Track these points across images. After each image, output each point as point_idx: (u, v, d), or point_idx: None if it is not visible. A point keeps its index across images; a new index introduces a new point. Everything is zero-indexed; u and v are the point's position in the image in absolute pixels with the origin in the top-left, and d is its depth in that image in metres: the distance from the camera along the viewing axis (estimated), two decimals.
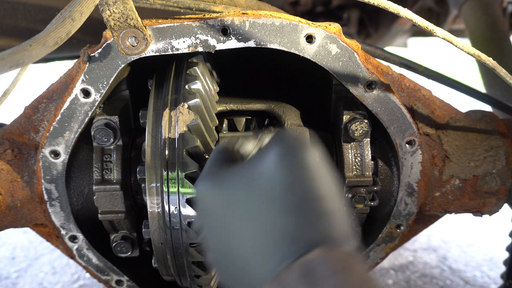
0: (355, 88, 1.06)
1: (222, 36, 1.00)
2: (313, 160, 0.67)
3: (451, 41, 0.98)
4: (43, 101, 1.13)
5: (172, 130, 0.98)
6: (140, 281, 1.26)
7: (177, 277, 1.09)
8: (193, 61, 1.06)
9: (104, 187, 1.11)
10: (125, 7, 0.91)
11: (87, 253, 1.19)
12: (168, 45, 1.01)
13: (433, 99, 1.18)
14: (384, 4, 0.94)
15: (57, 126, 1.07)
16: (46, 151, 1.08)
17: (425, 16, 1.10)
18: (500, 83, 1.78)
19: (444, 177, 1.17)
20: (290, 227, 0.61)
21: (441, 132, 1.19)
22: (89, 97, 1.05)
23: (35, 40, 0.76)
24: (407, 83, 1.14)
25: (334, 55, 1.03)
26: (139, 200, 1.19)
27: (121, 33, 0.95)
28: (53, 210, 1.13)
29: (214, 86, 1.13)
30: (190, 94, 1.01)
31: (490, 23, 1.92)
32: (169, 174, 0.97)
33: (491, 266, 2.87)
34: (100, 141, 1.09)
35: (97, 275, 1.23)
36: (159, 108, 1.02)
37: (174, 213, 0.98)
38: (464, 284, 2.69)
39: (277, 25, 1.00)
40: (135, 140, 1.21)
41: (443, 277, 2.76)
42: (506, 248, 1.58)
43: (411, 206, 1.16)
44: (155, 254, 1.05)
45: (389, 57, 1.27)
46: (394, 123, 1.10)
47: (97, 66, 1.02)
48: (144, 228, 1.09)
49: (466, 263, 2.91)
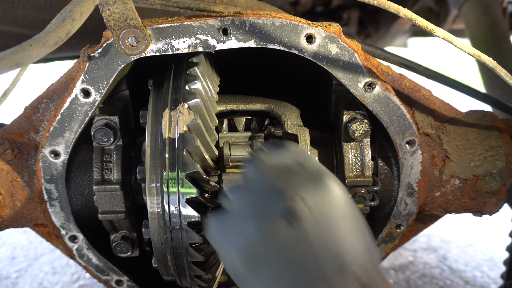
0: (355, 88, 1.06)
1: (222, 36, 1.00)
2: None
3: (451, 41, 0.98)
4: (43, 101, 1.12)
5: (172, 130, 0.98)
6: (140, 281, 1.26)
7: (177, 277, 1.09)
8: (193, 61, 1.06)
9: (104, 187, 1.11)
10: (125, 7, 0.91)
11: (87, 253, 1.19)
12: (168, 45, 1.00)
13: (433, 99, 1.18)
14: (384, 4, 0.94)
15: (57, 126, 1.07)
16: (46, 151, 1.08)
17: (425, 16, 1.10)
18: (500, 83, 1.78)
19: (444, 177, 1.17)
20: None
21: (441, 132, 1.19)
22: (89, 97, 1.05)
23: (35, 40, 0.76)
24: (407, 83, 1.14)
25: (334, 55, 1.03)
26: (139, 200, 1.19)
27: (121, 33, 0.95)
28: (53, 210, 1.13)
29: (214, 86, 1.13)
30: (190, 94, 1.01)
31: (490, 23, 1.92)
32: (169, 174, 0.97)
33: (491, 266, 2.87)
34: (100, 141, 1.09)
35: (97, 275, 1.23)
36: (159, 108, 1.02)
37: (174, 213, 0.98)
38: (464, 284, 2.69)
39: (277, 25, 1.00)
40: (135, 140, 1.21)
41: (443, 277, 2.76)
42: (506, 248, 1.58)
43: (411, 206, 1.16)
44: (155, 254, 1.05)
45: (389, 57, 1.27)
46: (394, 123, 1.10)
47: (97, 66, 1.02)
48: (144, 228, 1.09)
49: (466, 263, 2.91)
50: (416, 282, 2.72)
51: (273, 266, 0.66)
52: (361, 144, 1.13)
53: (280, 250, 0.66)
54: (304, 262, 0.65)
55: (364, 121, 1.09)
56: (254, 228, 0.69)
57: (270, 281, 0.66)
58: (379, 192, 1.19)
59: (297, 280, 0.64)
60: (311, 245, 0.65)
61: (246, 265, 0.68)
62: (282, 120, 1.16)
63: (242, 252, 0.69)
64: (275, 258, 0.66)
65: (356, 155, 1.13)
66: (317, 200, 0.69)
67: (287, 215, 0.67)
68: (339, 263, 0.65)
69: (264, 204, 0.71)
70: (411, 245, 3.11)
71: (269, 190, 0.72)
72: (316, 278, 0.64)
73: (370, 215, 1.22)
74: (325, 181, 0.72)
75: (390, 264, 2.88)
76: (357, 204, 1.12)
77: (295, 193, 0.69)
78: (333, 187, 0.72)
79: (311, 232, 0.66)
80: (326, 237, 0.66)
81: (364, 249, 0.68)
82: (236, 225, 0.72)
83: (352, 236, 0.68)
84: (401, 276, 2.77)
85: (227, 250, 0.72)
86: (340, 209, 0.70)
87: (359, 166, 1.13)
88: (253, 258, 0.68)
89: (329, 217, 0.68)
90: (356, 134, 1.09)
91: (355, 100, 1.12)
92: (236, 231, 0.71)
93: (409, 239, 1.26)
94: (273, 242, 0.67)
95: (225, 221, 0.74)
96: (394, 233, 1.20)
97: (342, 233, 0.67)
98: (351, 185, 1.12)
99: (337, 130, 1.17)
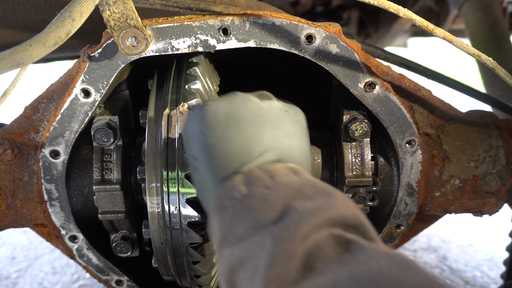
0: (355, 88, 1.06)
1: (222, 36, 1.00)
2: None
3: (451, 41, 0.98)
4: (43, 101, 1.12)
5: (172, 130, 0.98)
6: (140, 281, 1.26)
7: (177, 277, 1.09)
8: (193, 61, 1.06)
9: (104, 187, 1.11)
10: (125, 7, 0.91)
11: (87, 253, 1.19)
12: (168, 45, 1.01)
13: (433, 99, 1.18)
14: (384, 4, 0.94)
15: (57, 126, 1.07)
16: (46, 151, 1.08)
17: (425, 16, 1.10)
18: (500, 83, 1.78)
19: (444, 177, 1.17)
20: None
21: (441, 132, 1.19)
22: (89, 97, 1.05)
23: (35, 40, 0.76)
24: (407, 83, 1.14)
25: (334, 55, 1.03)
26: (139, 200, 1.19)
27: (121, 33, 0.95)
28: (53, 210, 1.13)
29: (214, 86, 1.13)
30: (190, 94, 1.01)
31: (490, 23, 1.92)
32: (169, 174, 0.97)
33: (491, 266, 2.87)
34: (100, 141, 1.09)
35: (97, 275, 1.23)
36: (159, 108, 1.02)
37: (174, 213, 0.98)
38: (464, 284, 2.69)
39: (277, 25, 1.00)
40: (135, 140, 1.21)
41: (443, 277, 2.76)
42: (506, 248, 1.58)
43: (411, 206, 1.16)
44: (155, 254, 1.05)
45: (389, 57, 1.26)
46: (394, 123, 1.10)
47: (97, 66, 1.02)
48: (144, 228, 1.09)
49: (466, 263, 2.91)
50: None
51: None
52: (361, 144, 1.13)
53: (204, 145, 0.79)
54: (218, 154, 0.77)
55: (364, 121, 1.09)
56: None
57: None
58: (379, 192, 1.19)
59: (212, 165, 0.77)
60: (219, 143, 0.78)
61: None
62: None
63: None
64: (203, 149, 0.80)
65: (356, 155, 1.13)
66: (227, 105, 0.82)
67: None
68: (245, 156, 0.75)
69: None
70: (411, 245, 3.11)
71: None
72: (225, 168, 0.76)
73: (370, 215, 1.22)
74: (239, 95, 0.86)
75: None
76: (357, 204, 1.12)
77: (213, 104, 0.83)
78: (242, 97, 0.85)
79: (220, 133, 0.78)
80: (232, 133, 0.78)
81: (276, 144, 0.78)
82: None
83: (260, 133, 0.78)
84: None
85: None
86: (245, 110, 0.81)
87: (359, 166, 1.13)
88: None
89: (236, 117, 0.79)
90: (356, 134, 1.10)
91: (355, 100, 1.12)
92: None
93: (409, 239, 1.26)
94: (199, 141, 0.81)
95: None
96: (394, 233, 1.20)
97: (250, 130, 0.78)
98: (351, 185, 1.12)
99: (337, 130, 1.17)
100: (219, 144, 0.77)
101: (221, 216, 0.69)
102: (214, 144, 0.78)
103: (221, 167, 0.76)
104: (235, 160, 0.76)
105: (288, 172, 0.73)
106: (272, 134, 0.79)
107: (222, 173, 0.75)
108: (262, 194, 0.67)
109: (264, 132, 0.78)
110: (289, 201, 0.66)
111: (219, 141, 0.78)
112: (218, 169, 0.76)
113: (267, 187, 0.68)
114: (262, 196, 0.67)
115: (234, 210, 0.68)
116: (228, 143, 0.77)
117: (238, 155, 0.76)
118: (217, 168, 0.76)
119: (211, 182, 0.77)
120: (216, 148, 0.77)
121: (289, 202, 0.65)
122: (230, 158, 0.76)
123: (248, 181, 0.71)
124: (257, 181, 0.70)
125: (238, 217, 0.66)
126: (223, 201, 0.70)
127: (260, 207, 0.65)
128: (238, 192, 0.69)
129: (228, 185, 0.72)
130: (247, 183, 0.70)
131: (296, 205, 0.64)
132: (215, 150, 0.77)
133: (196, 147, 0.81)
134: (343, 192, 1.13)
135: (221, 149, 0.77)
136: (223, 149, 0.77)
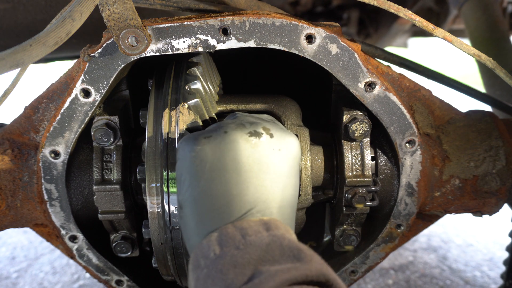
0: (355, 88, 1.06)
1: (222, 36, 1.00)
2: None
3: (451, 41, 0.98)
4: (43, 101, 1.13)
5: (172, 130, 0.98)
6: (140, 281, 1.26)
7: (177, 277, 1.10)
8: (193, 61, 1.06)
9: (104, 187, 1.11)
10: (125, 7, 0.91)
11: (87, 253, 1.19)
12: (168, 45, 1.01)
13: (433, 99, 1.18)
14: (384, 4, 0.95)
15: (57, 126, 1.07)
16: (46, 151, 1.08)
17: (425, 16, 1.10)
18: (500, 83, 1.78)
19: (444, 177, 1.17)
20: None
21: (441, 132, 1.19)
22: (89, 97, 1.05)
23: (35, 40, 0.76)
24: (407, 83, 1.14)
25: (334, 55, 1.03)
26: (139, 200, 1.19)
27: (121, 33, 0.95)
28: (53, 210, 1.13)
29: (214, 86, 1.13)
30: (190, 94, 1.01)
31: (490, 23, 1.92)
32: (169, 174, 0.97)
33: (491, 266, 2.87)
34: (100, 141, 1.09)
35: (97, 275, 1.23)
36: (159, 108, 1.02)
37: (174, 213, 0.98)
38: (464, 284, 2.69)
39: (277, 25, 1.00)
40: (135, 140, 1.21)
41: (443, 277, 2.76)
42: (506, 248, 1.58)
43: (411, 206, 1.16)
44: (155, 254, 1.05)
45: (389, 57, 1.27)
46: (394, 123, 1.10)
47: (97, 66, 1.02)
48: (144, 228, 1.09)
49: (466, 263, 2.91)
50: (416, 282, 2.72)
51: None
52: (361, 144, 1.13)
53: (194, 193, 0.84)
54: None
55: (364, 121, 1.09)
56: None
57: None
58: (379, 192, 1.19)
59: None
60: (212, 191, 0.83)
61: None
62: (282, 120, 1.16)
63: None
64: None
65: (356, 155, 1.13)
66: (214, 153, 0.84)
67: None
68: (242, 206, 0.80)
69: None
70: (411, 245, 3.11)
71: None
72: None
73: (370, 215, 1.22)
74: (228, 135, 0.86)
75: (390, 264, 2.88)
76: (357, 204, 1.12)
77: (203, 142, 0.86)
78: (234, 140, 0.85)
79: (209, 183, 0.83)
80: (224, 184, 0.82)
81: (267, 196, 0.83)
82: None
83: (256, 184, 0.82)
84: (401, 276, 2.78)
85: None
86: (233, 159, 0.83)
87: (359, 166, 1.13)
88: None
89: (225, 167, 0.83)
90: (356, 134, 1.10)
91: (355, 100, 1.12)
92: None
93: (409, 239, 1.26)
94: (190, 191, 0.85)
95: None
96: (394, 233, 1.20)
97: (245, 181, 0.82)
98: (351, 185, 1.12)
99: (337, 130, 1.17)
100: (203, 199, 0.82)
101: (196, 276, 0.74)
102: (198, 199, 0.83)
103: (202, 224, 0.81)
104: (215, 219, 0.80)
105: (261, 229, 0.77)
106: (256, 186, 0.83)
107: (203, 229, 0.81)
108: (233, 256, 0.72)
109: (248, 186, 0.82)
110: (257, 264, 0.71)
111: (202, 196, 0.82)
112: (200, 225, 0.82)
113: (238, 248, 0.73)
114: (233, 258, 0.72)
115: (208, 271, 0.72)
116: (211, 200, 0.82)
117: (219, 214, 0.81)
118: (199, 224, 0.82)
119: (194, 234, 0.83)
120: (199, 203, 0.82)
121: (257, 265, 0.70)
122: (211, 217, 0.81)
123: (221, 240, 0.76)
124: (230, 240, 0.75)
125: (210, 278, 0.71)
126: (199, 260, 0.76)
127: (230, 271, 0.70)
128: (213, 253, 0.74)
129: (204, 243, 0.77)
130: (220, 243, 0.75)
131: (263, 269, 0.69)
132: (198, 205, 0.82)
133: (182, 195, 0.85)
134: (343, 191, 1.14)
135: (204, 205, 0.82)
136: (206, 206, 0.82)
